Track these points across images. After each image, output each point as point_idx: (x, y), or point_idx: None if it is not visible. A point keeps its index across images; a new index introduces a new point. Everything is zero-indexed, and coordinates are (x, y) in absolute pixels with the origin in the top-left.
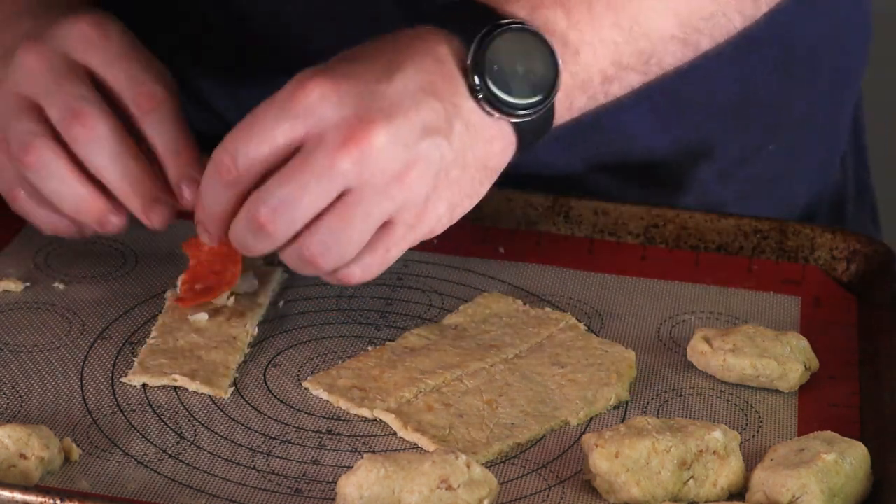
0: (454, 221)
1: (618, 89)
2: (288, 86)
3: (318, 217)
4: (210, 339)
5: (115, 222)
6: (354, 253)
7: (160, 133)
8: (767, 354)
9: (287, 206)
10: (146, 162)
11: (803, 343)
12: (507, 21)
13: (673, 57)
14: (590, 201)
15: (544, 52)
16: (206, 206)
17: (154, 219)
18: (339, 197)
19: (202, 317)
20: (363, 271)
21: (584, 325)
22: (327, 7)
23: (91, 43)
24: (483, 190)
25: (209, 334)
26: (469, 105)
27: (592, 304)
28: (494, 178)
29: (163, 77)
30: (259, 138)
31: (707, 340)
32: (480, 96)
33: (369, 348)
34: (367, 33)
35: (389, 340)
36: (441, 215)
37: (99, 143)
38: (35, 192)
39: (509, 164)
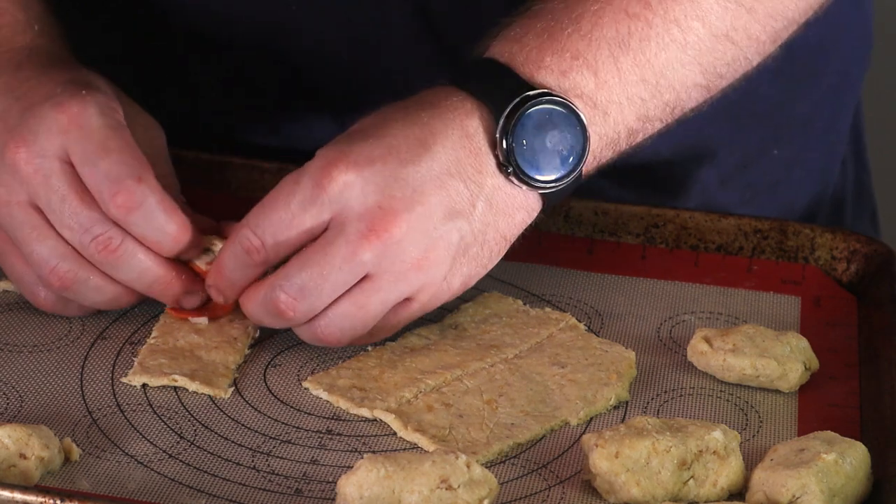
0: (467, 288)
1: (640, 139)
2: (313, 168)
3: (336, 300)
4: (210, 339)
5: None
6: (368, 330)
7: (143, 234)
8: (767, 354)
9: (307, 293)
10: (172, 268)
11: (803, 343)
12: (536, 93)
13: (695, 102)
14: (590, 201)
15: (573, 124)
16: (228, 276)
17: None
18: (359, 282)
19: (203, 317)
20: (371, 337)
21: (584, 325)
22: (340, 14)
23: (69, 138)
24: (497, 259)
25: (209, 335)
26: (494, 182)
27: (592, 304)
28: (510, 244)
29: (151, 148)
30: (288, 224)
31: (707, 340)
32: (509, 170)
33: (369, 348)
34: (380, 41)
35: (389, 340)
36: (456, 290)
37: (125, 263)
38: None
39: None
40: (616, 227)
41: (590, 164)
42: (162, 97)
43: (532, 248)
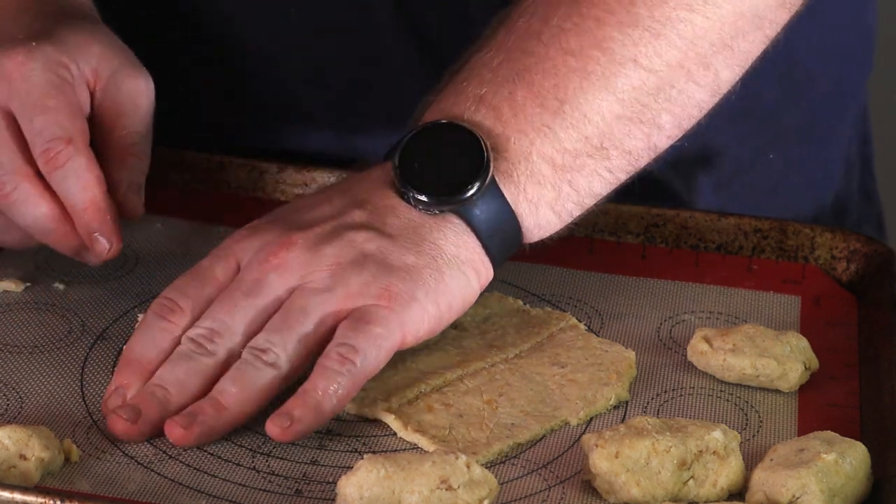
0: (416, 320)
1: (585, 181)
2: None
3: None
4: None
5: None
6: (311, 346)
7: (66, 190)
8: (767, 354)
9: (222, 325)
10: (69, 223)
11: (803, 343)
12: (427, 122)
13: (634, 139)
14: None
15: (467, 140)
16: (140, 350)
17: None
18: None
19: None
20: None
21: (584, 325)
22: (326, 19)
23: (11, 86)
24: (447, 280)
25: None
26: (402, 205)
27: (592, 304)
28: (459, 276)
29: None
30: (199, 278)
31: (707, 340)
32: (409, 196)
33: None
34: (366, 45)
35: None
36: (397, 293)
37: (17, 209)
38: None
39: None
40: (616, 227)
41: (515, 196)
42: (163, 99)
43: (532, 248)
